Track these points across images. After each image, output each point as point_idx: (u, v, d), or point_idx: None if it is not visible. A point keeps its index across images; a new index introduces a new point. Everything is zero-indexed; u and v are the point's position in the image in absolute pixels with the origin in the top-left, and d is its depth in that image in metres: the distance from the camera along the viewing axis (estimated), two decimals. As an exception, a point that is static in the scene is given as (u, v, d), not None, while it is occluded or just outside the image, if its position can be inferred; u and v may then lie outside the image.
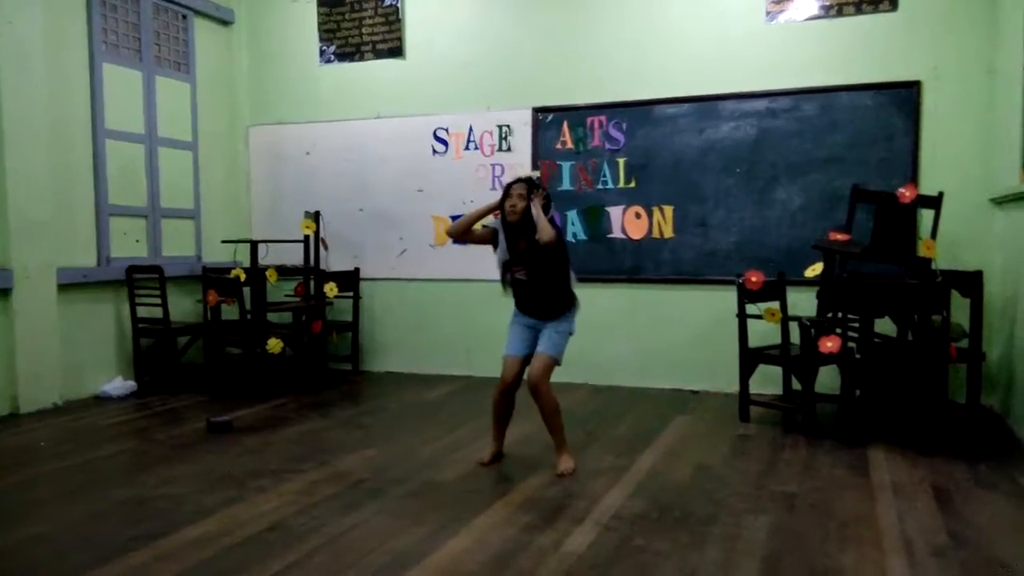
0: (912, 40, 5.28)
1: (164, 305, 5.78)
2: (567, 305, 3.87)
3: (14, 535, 3.09)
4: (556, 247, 3.72)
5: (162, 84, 6.31)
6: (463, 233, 3.90)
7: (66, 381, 5.45)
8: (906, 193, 4.55)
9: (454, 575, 2.70)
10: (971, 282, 4.51)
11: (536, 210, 3.72)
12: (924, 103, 5.25)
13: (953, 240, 5.07)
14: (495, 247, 3.90)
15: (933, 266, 4.57)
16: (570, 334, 3.90)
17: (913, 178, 5.23)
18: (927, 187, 5.09)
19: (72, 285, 5.53)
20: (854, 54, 5.40)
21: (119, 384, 5.76)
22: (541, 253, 3.73)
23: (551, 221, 3.73)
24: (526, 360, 3.89)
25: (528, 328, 3.90)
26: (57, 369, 5.37)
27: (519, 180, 3.84)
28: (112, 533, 3.10)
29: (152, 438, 4.58)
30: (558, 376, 3.82)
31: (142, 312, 5.89)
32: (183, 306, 6.37)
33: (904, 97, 5.29)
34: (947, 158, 5.21)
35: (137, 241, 6.12)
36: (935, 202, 4.80)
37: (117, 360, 5.94)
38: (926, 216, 4.84)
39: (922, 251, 4.59)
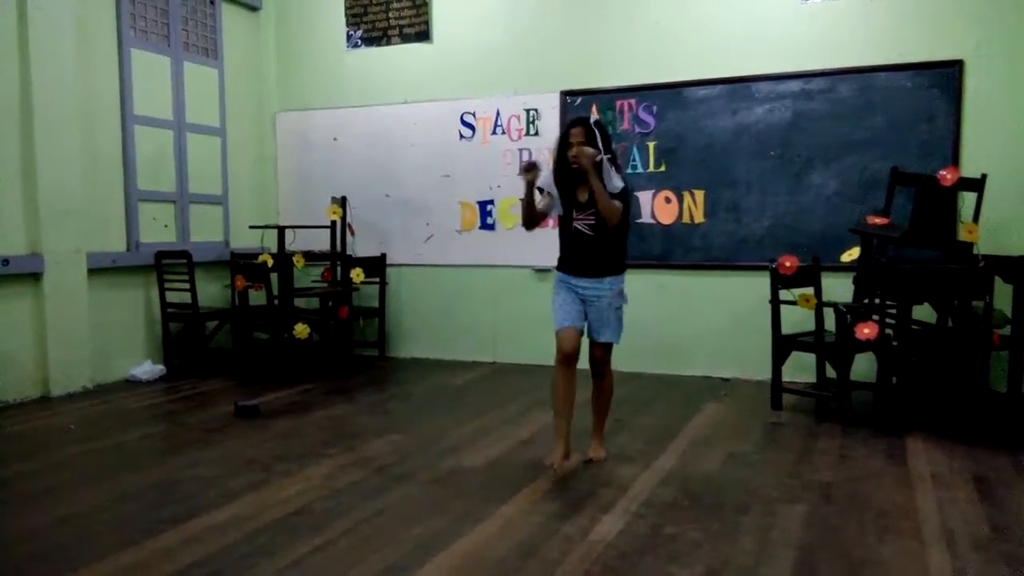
0: (954, 18, 5.10)
1: (192, 290, 5.81)
2: (620, 264, 3.61)
3: (43, 516, 3.10)
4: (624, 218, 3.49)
5: (190, 70, 6.31)
6: (534, 219, 3.59)
7: (96, 365, 5.50)
8: (947, 176, 4.43)
9: (480, 562, 2.66)
10: (1015, 268, 4.36)
11: (595, 182, 3.37)
12: (967, 83, 5.08)
13: (997, 224, 4.91)
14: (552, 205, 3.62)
15: (975, 251, 4.44)
16: (622, 307, 3.64)
17: (955, 160, 5.06)
18: (969, 170, 4.93)
19: (102, 270, 5.57)
20: (894, 33, 5.23)
21: (148, 368, 5.80)
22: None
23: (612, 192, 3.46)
24: (582, 332, 3.63)
25: (577, 295, 3.59)
26: (87, 353, 5.42)
27: (577, 123, 3.49)
28: (139, 515, 3.11)
29: (180, 422, 4.61)
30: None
31: (171, 297, 5.93)
32: (211, 291, 6.39)
33: (946, 77, 5.11)
34: (991, 140, 5.04)
35: (166, 226, 6.15)
36: (978, 185, 4.65)
37: (146, 344, 5.98)
38: (968, 200, 4.69)
39: (963, 235, 4.46)
